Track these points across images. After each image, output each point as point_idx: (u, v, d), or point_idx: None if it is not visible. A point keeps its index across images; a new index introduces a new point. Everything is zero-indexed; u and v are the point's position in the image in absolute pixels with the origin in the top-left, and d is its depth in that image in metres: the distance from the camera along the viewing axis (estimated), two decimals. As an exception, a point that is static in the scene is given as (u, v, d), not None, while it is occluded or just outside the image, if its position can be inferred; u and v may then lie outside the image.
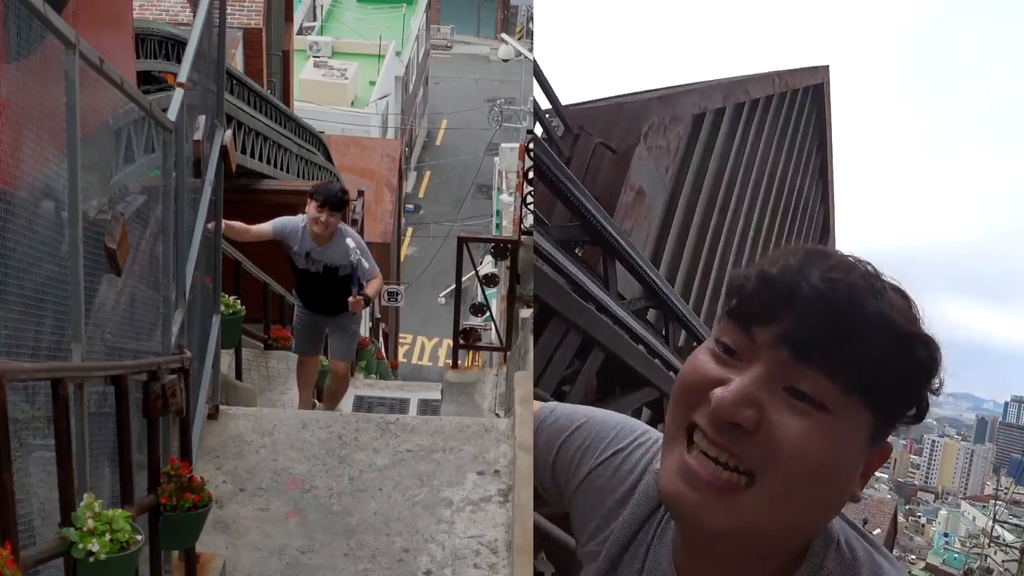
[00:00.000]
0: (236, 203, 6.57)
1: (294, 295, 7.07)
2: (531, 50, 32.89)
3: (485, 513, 4.98)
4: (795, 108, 16.86)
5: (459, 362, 8.56)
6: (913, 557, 52.83)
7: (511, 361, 7.50)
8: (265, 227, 6.53)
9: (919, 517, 64.20)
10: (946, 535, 59.56)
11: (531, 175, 8.47)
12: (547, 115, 10.02)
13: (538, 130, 9.98)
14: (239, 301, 6.31)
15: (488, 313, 9.04)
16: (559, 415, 1.63)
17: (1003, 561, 31.37)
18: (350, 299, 6.41)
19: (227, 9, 5.69)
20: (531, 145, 8.64)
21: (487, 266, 10.70)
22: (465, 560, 4.68)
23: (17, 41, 2.77)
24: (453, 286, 8.80)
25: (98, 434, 3.37)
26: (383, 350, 15.71)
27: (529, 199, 8.27)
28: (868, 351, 1.11)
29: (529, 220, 8.22)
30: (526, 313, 7.31)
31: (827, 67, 18.50)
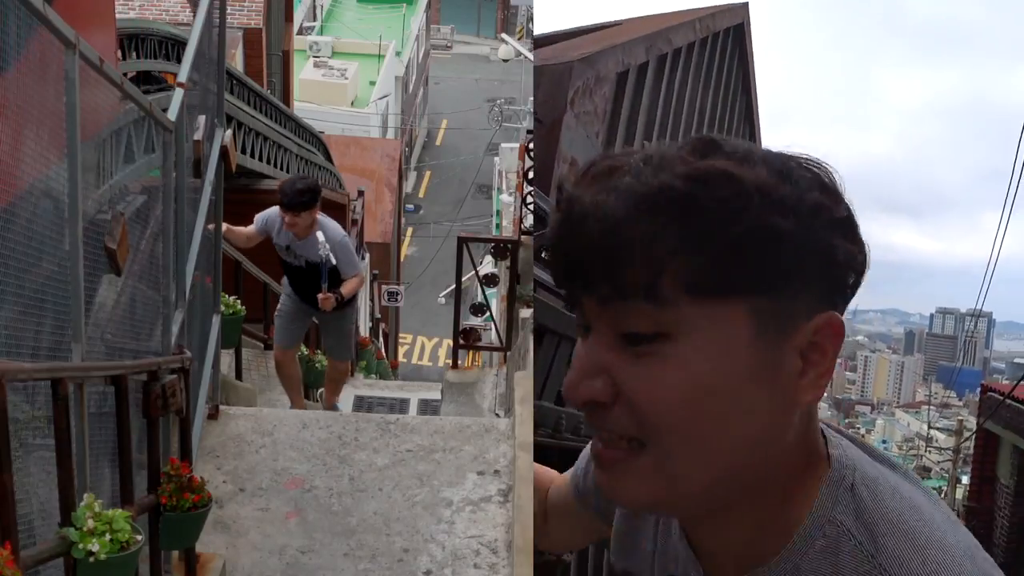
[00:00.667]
0: (236, 203, 6.57)
1: (283, 283, 6.91)
2: (531, 50, 32.89)
3: (485, 513, 4.98)
4: (717, 51, 16.49)
5: (459, 362, 8.56)
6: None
7: (511, 361, 7.50)
8: (251, 228, 6.43)
9: (858, 428, 67.46)
10: (884, 442, 61.71)
11: (531, 175, 8.47)
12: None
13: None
14: (239, 301, 6.30)
15: (488, 313, 9.04)
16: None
17: (939, 462, 32.32)
18: (319, 296, 6.25)
19: (227, 9, 5.69)
20: (531, 145, 8.65)
21: (487, 266, 10.70)
22: (465, 560, 4.68)
23: (15, 40, 2.77)
24: (453, 286, 8.80)
25: (98, 434, 3.37)
26: (383, 350, 15.70)
27: (529, 199, 8.27)
28: (658, 241, 0.90)
29: (529, 220, 8.22)
30: (526, 313, 7.31)
31: (746, 5, 17.97)
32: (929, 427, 39.85)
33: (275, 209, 6.35)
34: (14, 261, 2.79)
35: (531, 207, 8.19)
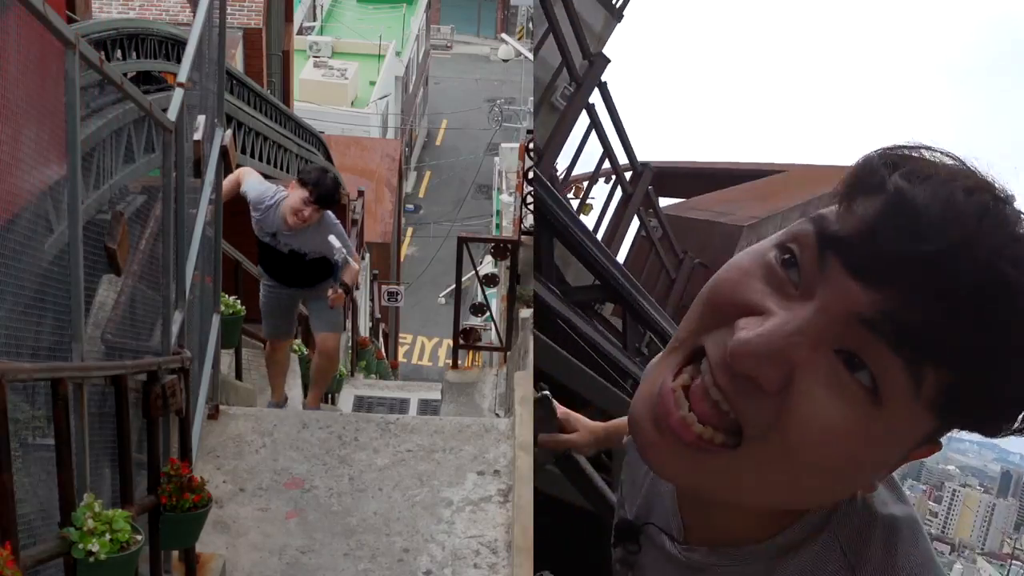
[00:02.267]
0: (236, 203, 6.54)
1: (259, 268, 6.62)
2: (531, 50, 32.88)
3: (485, 513, 4.98)
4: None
5: (459, 362, 8.56)
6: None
7: (511, 361, 7.50)
8: (231, 179, 5.98)
9: (933, 570, 63.05)
10: (960, 590, 56.24)
11: (531, 175, 8.47)
12: (648, 216, 10.74)
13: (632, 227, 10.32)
14: (239, 301, 6.30)
15: (488, 313, 9.04)
16: None
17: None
18: (330, 293, 6.15)
19: (227, 9, 5.68)
20: (531, 145, 8.65)
21: (487, 266, 10.71)
22: (465, 560, 4.68)
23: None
24: (453, 286, 8.80)
25: (98, 434, 3.37)
26: (383, 350, 15.70)
27: (529, 199, 8.26)
28: (989, 356, 0.81)
29: (529, 220, 8.22)
30: (526, 313, 7.31)
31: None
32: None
33: (271, 188, 6.18)
34: (14, 261, 2.79)
35: (531, 207, 8.19)
